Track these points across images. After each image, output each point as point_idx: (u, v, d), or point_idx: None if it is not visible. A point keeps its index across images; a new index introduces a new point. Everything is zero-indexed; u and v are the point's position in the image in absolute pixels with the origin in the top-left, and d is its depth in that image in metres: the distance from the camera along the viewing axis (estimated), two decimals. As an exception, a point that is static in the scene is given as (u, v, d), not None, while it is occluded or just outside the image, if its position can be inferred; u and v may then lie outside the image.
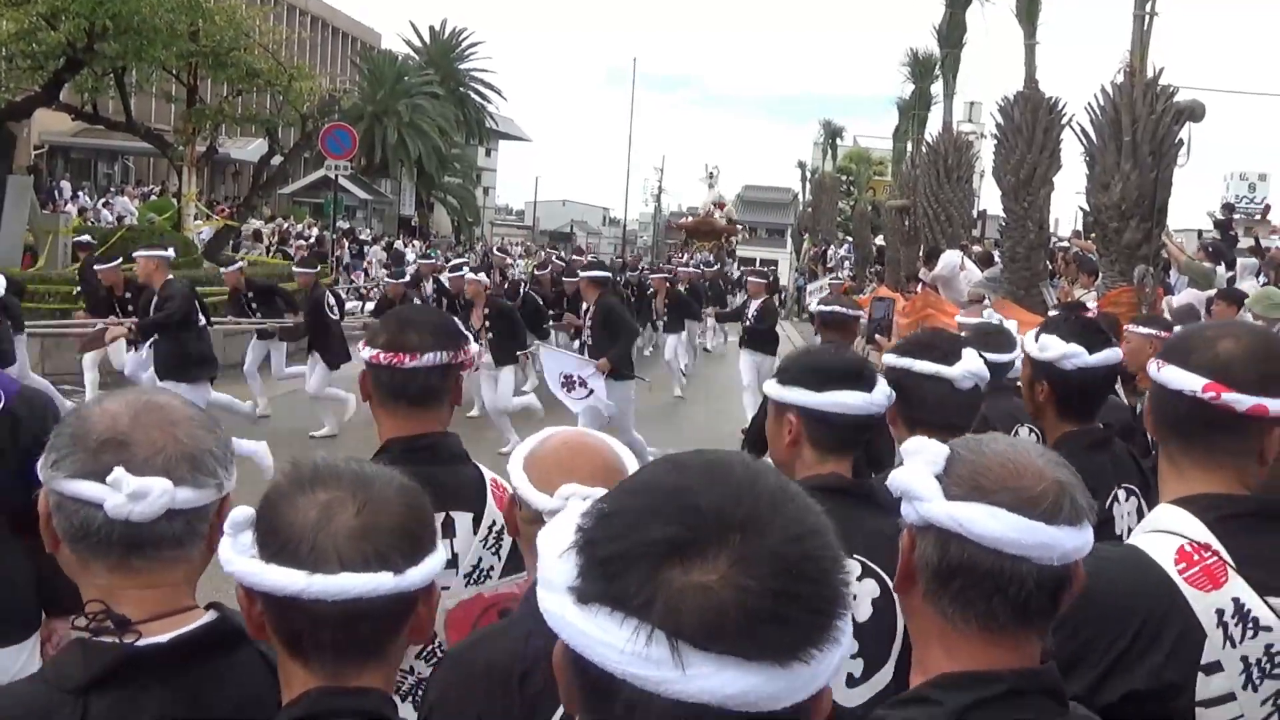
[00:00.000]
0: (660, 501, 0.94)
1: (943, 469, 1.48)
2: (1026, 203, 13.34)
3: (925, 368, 2.80)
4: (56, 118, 25.17)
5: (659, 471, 0.99)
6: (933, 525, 1.46)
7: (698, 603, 0.88)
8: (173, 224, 22.31)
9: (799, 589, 0.91)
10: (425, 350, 2.55)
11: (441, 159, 49.57)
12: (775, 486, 0.97)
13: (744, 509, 0.93)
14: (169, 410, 1.60)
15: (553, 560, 0.97)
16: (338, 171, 22.66)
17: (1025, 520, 1.41)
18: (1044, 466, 1.47)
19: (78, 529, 1.54)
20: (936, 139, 19.57)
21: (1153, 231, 10.54)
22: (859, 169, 56.79)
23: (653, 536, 0.91)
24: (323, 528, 1.38)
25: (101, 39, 17.84)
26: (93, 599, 1.55)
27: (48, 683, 1.51)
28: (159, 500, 1.51)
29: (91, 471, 1.52)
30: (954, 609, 1.46)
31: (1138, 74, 10.59)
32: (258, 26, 21.38)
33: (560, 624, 0.94)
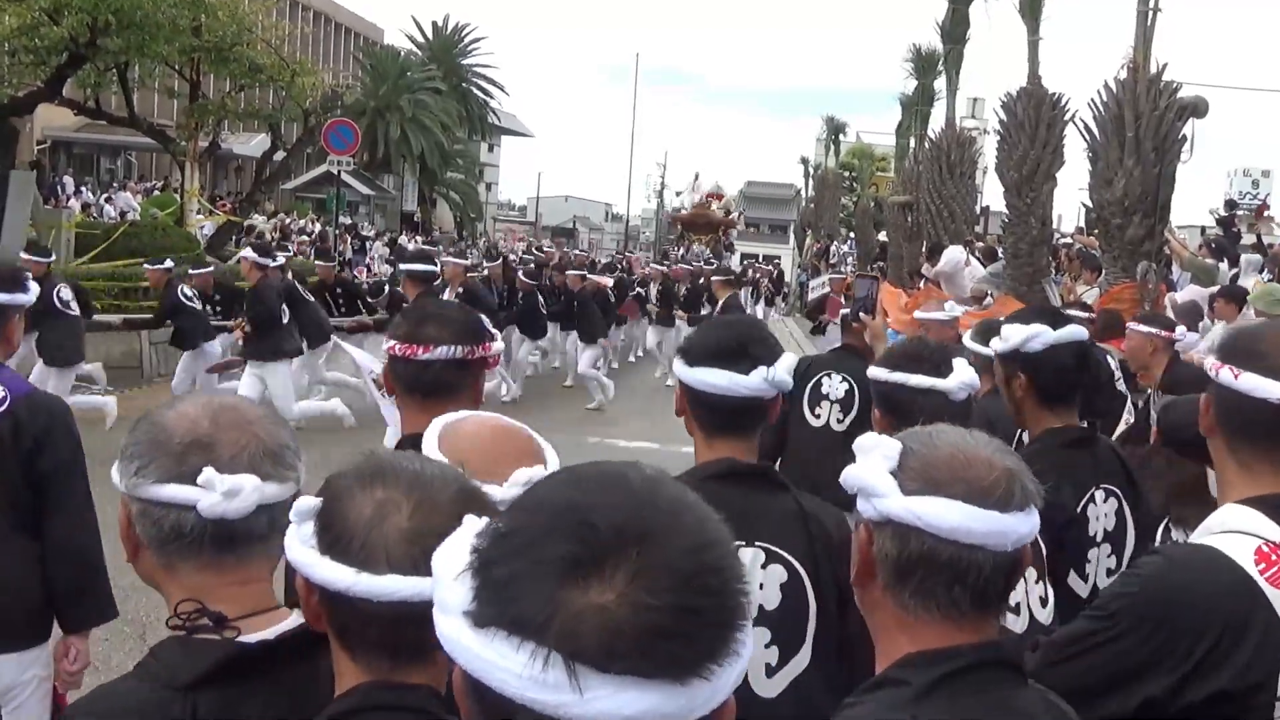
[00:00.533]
0: (555, 519, 0.91)
1: (897, 464, 1.51)
2: (1029, 199, 13.33)
3: (919, 382, 2.77)
4: (59, 113, 25.19)
5: (555, 487, 0.97)
6: (890, 520, 1.49)
7: (595, 623, 0.86)
8: (175, 219, 22.30)
9: (698, 603, 0.88)
10: (441, 343, 2.53)
11: (444, 154, 49.54)
12: (673, 497, 0.95)
13: (641, 522, 0.90)
14: (243, 409, 1.64)
15: (448, 583, 0.95)
16: (340, 167, 22.65)
17: (980, 510, 1.46)
18: (992, 456, 1.51)
19: (168, 533, 1.56)
20: (939, 135, 19.57)
21: (1155, 228, 10.54)
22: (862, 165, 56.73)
23: (548, 555, 0.89)
24: (375, 527, 1.38)
25: (104, 34, 17.83)
26: (183, 599, 1.56)
27: (151, 681, 1.51)
28: (251, 496, 1.54)
29: (179, 475, 1.55)
30: (915, 600, 1.50)
31: (1141, 70, 10.58)
32: (260, 21, 21.35)
33: (457, 649, 0.92)
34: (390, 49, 53.50)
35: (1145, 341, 5.95)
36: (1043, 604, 2.67)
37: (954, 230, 17.69)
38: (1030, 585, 2.65)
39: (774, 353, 2.45)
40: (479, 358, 2.59)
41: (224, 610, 1.55)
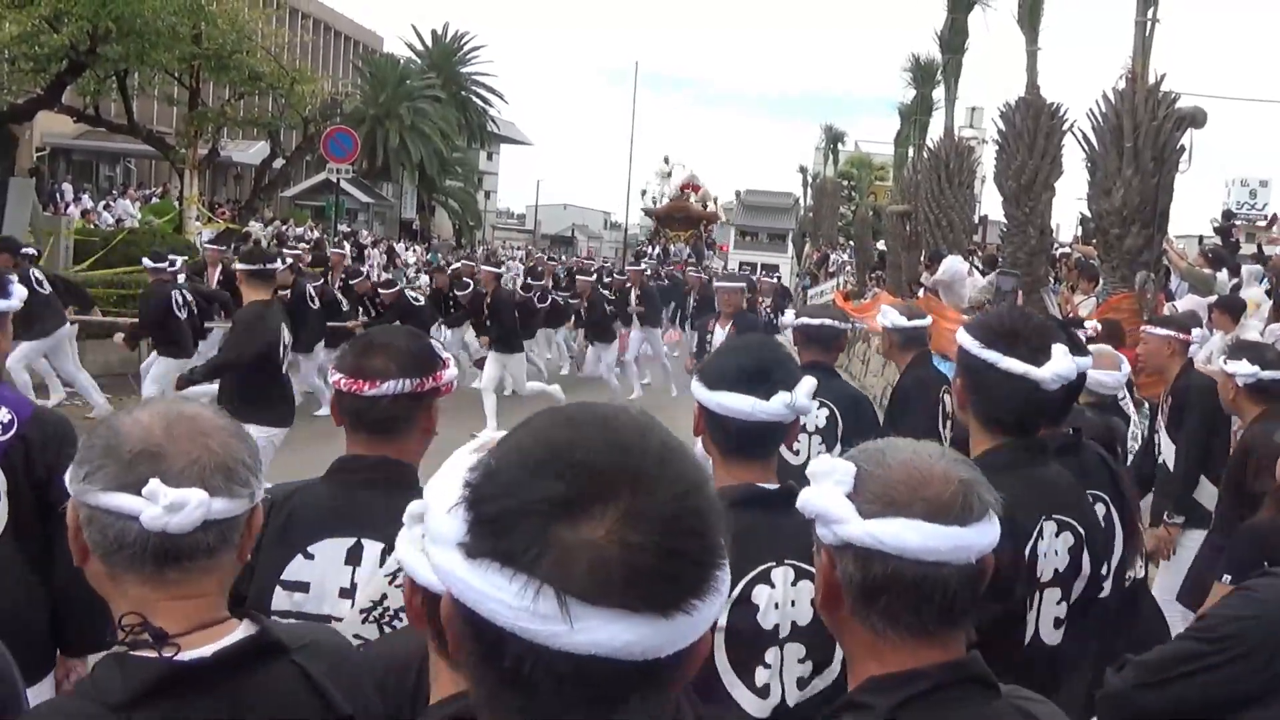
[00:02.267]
0: (548, 457, 0.95)
1: (852, 487, 1.50)
2: (1028, 208, 13.35)
3: (1012, 366, 2.50)
4: (58, 120, 25.20)
5: (548, 426, 1.00)
6: (851, 544, 1.48)
7: (585, 559, 0.90)
8: (174, 227, 22.31)
9: (683, 544, 0.93)
10: (388, 378, 2.38)
11: (443, 162, 49.58)
12: (662, 442, 0.99)
13: (631, 465, 0.95)
14: (201, 420, 1.59)
15: (441, 515, 0.98)
16: (339, 175, 22.66)
17: (941, 527, 1.44)
18: (948, 469, 1.50)
19: (112, 542, 1.53)
20: (938, 144, 19.60)
21: (1154, 237, 10.56)
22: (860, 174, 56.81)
23: (541, 494, 0.93)
24: None
25: (104, 41, 17.86)
26: (127, 612, 1.54)
27: (89, 699, 1.49)
28: (195, 512, 1.50)
29: (126, 484, 1.51)
30: (883, 622, 1.49)
31: (1139, 80, 10.61)
32: (260, 30, 21.40)
33: (450, 578, 0.96)
34: (389, 57, 53.55)
35: (1163, 344, 5.92)
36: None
37: (952, 239, 17.71)
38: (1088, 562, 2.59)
39: (794, 376, 2.42)
40: (430, 389, 2.44)
41: (165, 625, 1.51)
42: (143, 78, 21.57)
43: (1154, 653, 2.03)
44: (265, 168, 24.69)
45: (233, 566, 1.61)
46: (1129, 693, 1.81)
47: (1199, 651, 1.89)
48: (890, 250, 24.14)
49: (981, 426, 2.57)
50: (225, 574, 1.60)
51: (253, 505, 1.60)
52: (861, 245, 32.49)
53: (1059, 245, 18.62)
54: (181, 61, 20.13)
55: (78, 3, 16.87)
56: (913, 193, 20.98)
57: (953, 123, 20.32)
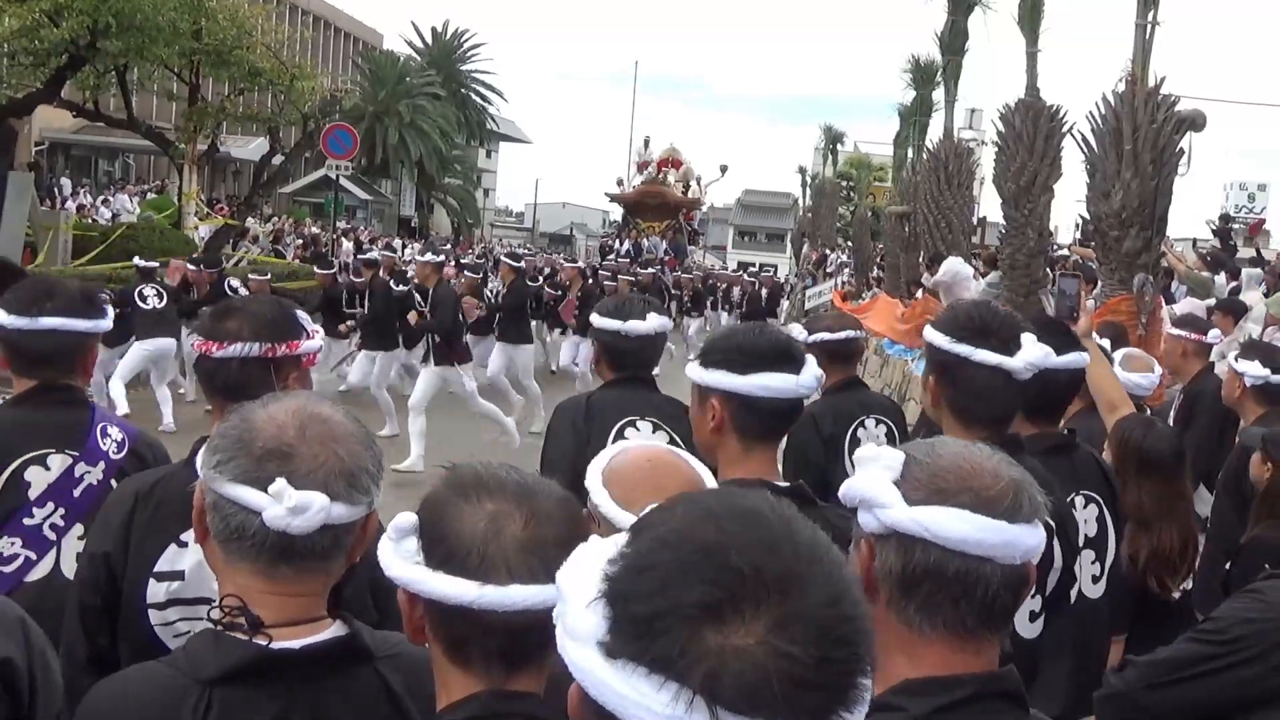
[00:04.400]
0: (696, 558, 0.92)
1: (900, 474, 1.47)
2: (1027, 210, 13.33)
3: (986, 357, 2.53)
4: (58, 114, 25.17)
5: (692, 521, 0.96)
6: (895, 532, 1.45)
7: (738, 668, 0.87)
8: (173, 222, 22.29)
9: (835, 653, 0.91)
10: (236, 340, 2.37)
11: (442, 160, 49.63)
12: (808, 539, 0.96)
13: (780, 566, 0.92)
14: (333, 424, 1.63)
15: (579, 609, 0.95)
16: (339, 171, 22.66)
17: (989, 520, 1.41)
18: (998, 466, 1.48)
19: (233, 531, 1.58)
20: (937, 145, 19.59)
21: (1153, 240, 10.55)
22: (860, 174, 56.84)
23: (691, 598, 0.90)
24: (492, 539, 1.40)
25: (104, 36, 17.82)
26: (230, 594, 1.58)
27: (176, 669, 1.55)
28: (316, 516, 1.54)
29: (255, 478, 1.56)
30: (920, 616, 1.46)
31: (1139, 83, 10.60)
32: (260, 26, 21.36)
33: (589, 678, 0.92)
34: (389, 54, 53.60)
35: (1176, 344, 5.93)
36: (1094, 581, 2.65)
37: (951, 241, 17.71)
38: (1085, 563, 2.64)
39: (804, 353, 2.48)
40: (285, 356, 2.42)
41: (263, 615, 1.56)
42: (142, 73, 21.53)
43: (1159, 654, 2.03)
44: (264, 164, 24.63)
45: (340, 569, 1.65)
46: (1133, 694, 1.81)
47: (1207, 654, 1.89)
48: (888, 251, 24.14)
49: (956, 421, 2.56)
50: (332, 576, 1.64)
51: (369, 512, 1.64)
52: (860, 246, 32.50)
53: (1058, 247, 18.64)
54: (181, 57, 20.10)
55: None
56: (911, 194, 20.98)
57: (952, 124, 20.34)
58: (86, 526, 2.66)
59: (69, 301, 2.86)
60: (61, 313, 2.82)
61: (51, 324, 2.80)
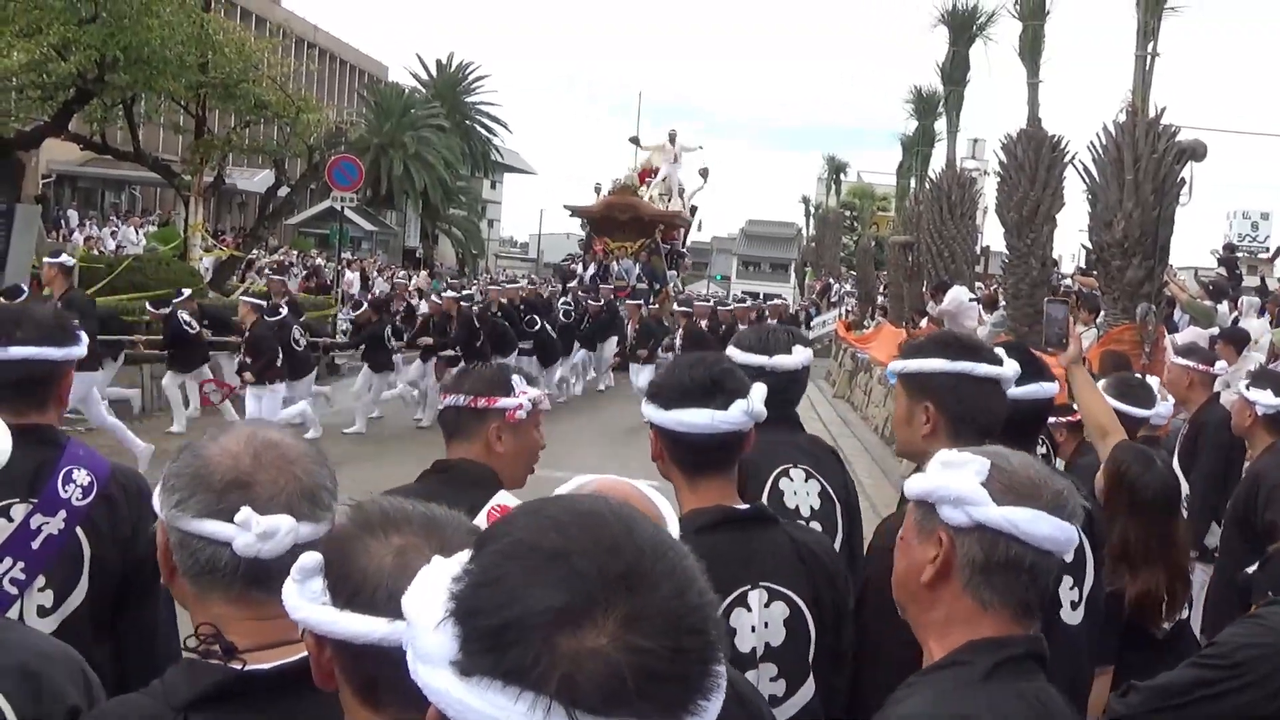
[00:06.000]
0: (542, 565, 0.92)
1: (986, 478, 1.66)
2: (1029, 239, 13.39)
3: (985, 371, 2.58)
4: (64, 147, 25.31)
5: (531, 531, 0.96)
6: (980, 526, 1.64)
7: (594, 669, 0.87)
8: (178, 254, 22.37)
9: (688, 643, 0.91)
10: (452, 392, 2.74)
11: (447, 191, 49.76)
12: (650, 536, 0.96)
13: (624, 565, 0.92)
14: (286, 448, 1.66)
15: (428, 631, 0.94)
16: (344, 203, 22.75)
17: (1061, 522, 1.63)
18: (1051, 474, 1.71)
19: (203, 565, 1.60)
20: (940, 175, 19.65)
21: (1155, 269, 10.59)
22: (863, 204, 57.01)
23: (539, 606, 0.89)
24: (401, 574, 1.35)
25: (112, 70, 17.95)
26: (204, 623, 1.61)
27: (156, 698, 1.57)
28: (286, 538, 1.57)
29: (218, 511, 1.58)
30: (995, 597, 1.66)
31: (1140, 113, 10.67)
32: (266, 59, 21.48)
33: (445, 699, 0.91)
34: (394, 86, 53.88)
35: (1182, 374, 5.92)
36: (1073, 607, 2.72)
37: (954, 270, 17.75)
38: (1064, 590, 2.69)
39: (745, 384, 2.45)
40: (487, 408, 2.69)
41: (238, 641, 1.58)
42: (149, 106, 21.66)
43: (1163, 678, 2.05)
44: (270, 195, 24.73)
45: None
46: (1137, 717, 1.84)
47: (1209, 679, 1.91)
48: (892, 281, 24.17)
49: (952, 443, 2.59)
50: None
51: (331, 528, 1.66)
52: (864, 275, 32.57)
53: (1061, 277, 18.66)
54: (188, 90, 20.21)
55: (86, 32, 16.99)
56: (915, 223, 21.03)
57: (954, 154, 20.39)
58: (49, 579, 2.57)
59: (40, 329, 2.69)
60: (32, 341, 2.65)
61: (22, 353, 2.64)
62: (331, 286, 23.50)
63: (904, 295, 21.11)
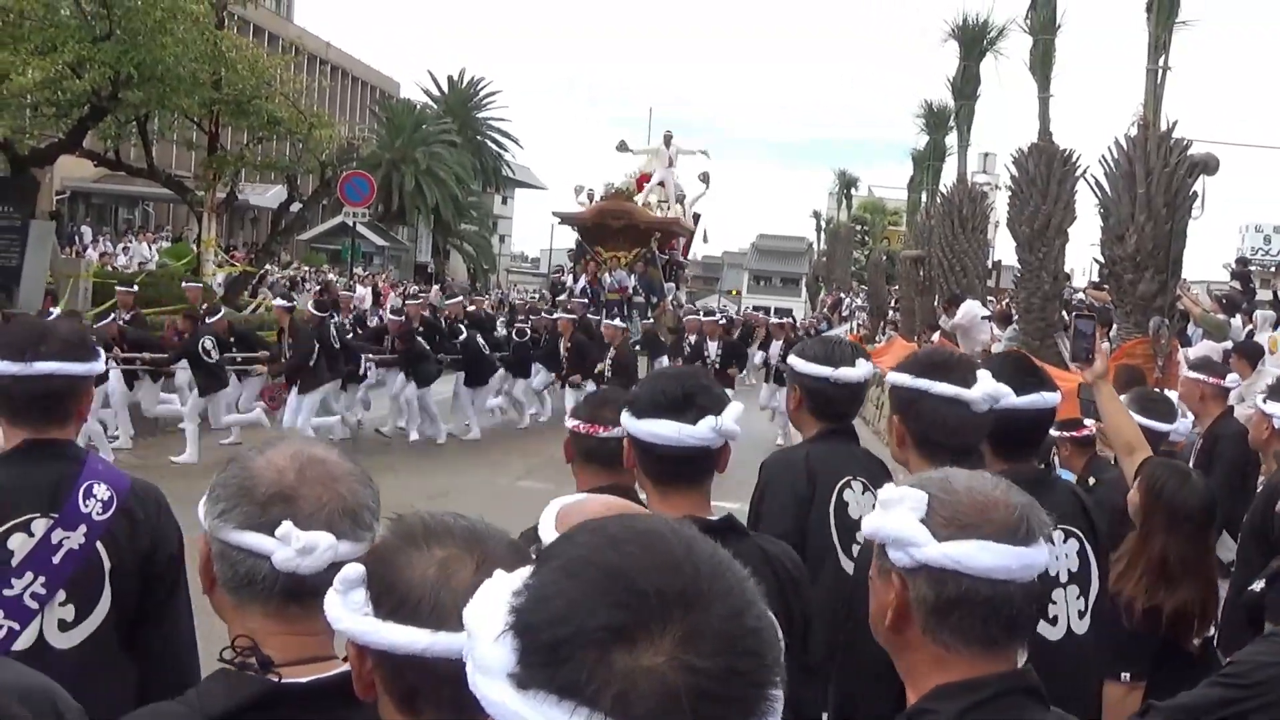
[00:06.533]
0: (600, 582, 0.93)
1: (925, 512, 1.59)
2: (1041, 253, 13.37)
3: (944, 390, 2.67)
4: (78, 163, 25.45)
5: (593, 548, 0.97)
6: (925, 566, 1.57)
7: (648, 687, 0.88)
8: (191, 269, 22.47)
9: (743, 665, 0.91)
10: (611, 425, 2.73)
11: (458, 206, 49.89)
12: (709, 556, 0.97)
13: (684, 584, 0.93)
14: (331, 465, 1.67)
15: (487, 643, 0.95)
16: (355, 218, 22.84)
17: (1010, 547, 1.55)
18: (1007, 494, 1.61)
19: (242, 577, 1.61)
20: (951, 190, 19.67)
21: (1168, 283, 10.56)
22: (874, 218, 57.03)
23: (596, 622, 0.90)
24: (444, 586, 1.37)
25: (126, 87, 18.06)
26: (242, 635, 1.62)
27: (188, 707, 1.58)
28: (324, 555, 1.57)
29: (260, 524, 1.59)
30: (953, 637, 1.58)
31: (1151, 127, 10.65)
32: (279, 75, 21.58)
33: (501, 711, 0.92)
34: (406, 102, 54.13)
35: (1194, 388, 5.90)
36: (1080, 616, 2.72)
37: (966, 284, 17.74)
38: (1070, 599, 2.69)
39: (720, 402, 2.48)
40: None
41: (274, 655, 1.59)
42: (163, 123, 21.79)
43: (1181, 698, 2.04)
44: (282, 211, 24.86)
45: None
46: None
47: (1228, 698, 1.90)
48: (903, 295, 24.16)
49: (923, 458, 2.66)
50: None
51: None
52: (875, 290, 32.56)
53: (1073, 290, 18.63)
54: (201, 107, 20.33)
55: (101, 49, 17.10)
56: (926, 238, 21.04)
57: (965, 168, 20.41)
58: (70, 593, 2.58)
59: (63, 345, 2.70)
60: (55, 356, 2.66)
61: (46, 369, 2.65)
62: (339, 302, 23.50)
63: (915, 309, 21.10)
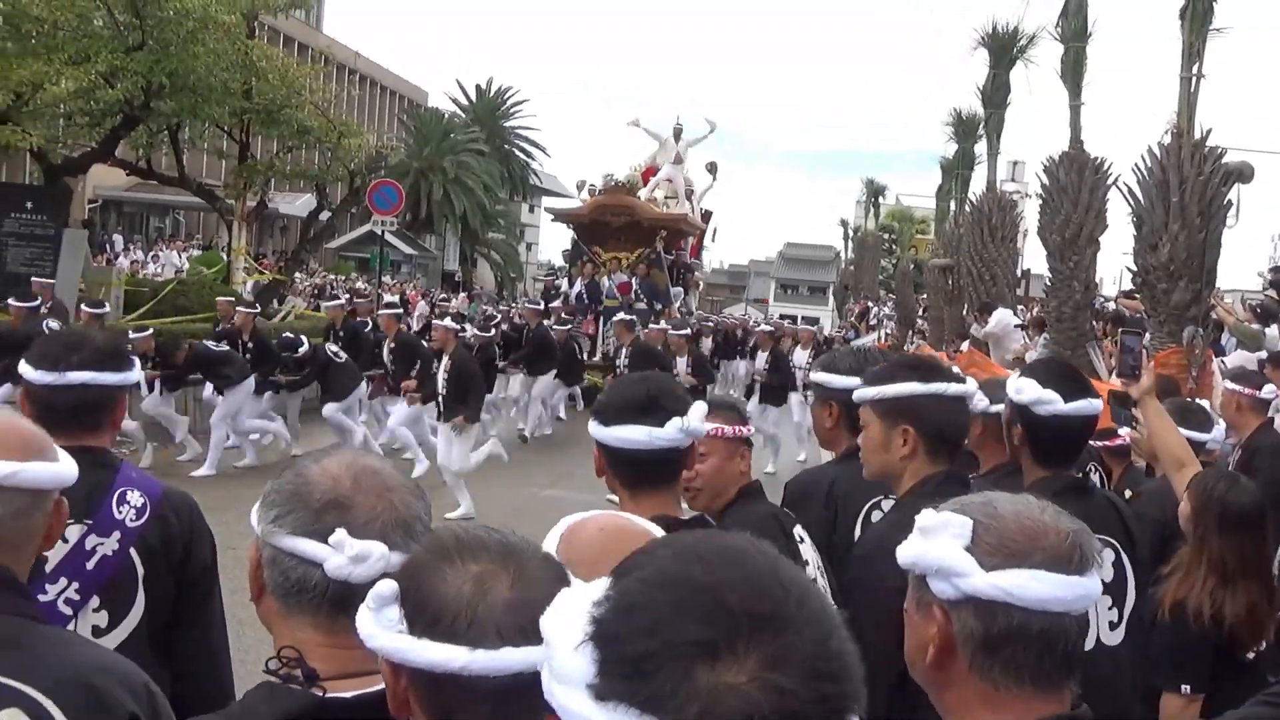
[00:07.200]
0: (687, 597, 0.92)
1: (970, 539, 1.49)
2: (1072, 262, 13.28)
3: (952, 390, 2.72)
4: (110, 172, 25.69)
5: (677, 562, 0.96)
6: (972, 598, 1.47)
7: (731, 705, 0.87)
8: (221, 277, 22.62)
9: (828, 689, 0.90)
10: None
11: (486, 215, 50.03)
12: (793, 577, 0.96)
13: (770, 604, 0.92)
14: (385, 476, 1.66)
15: (566, 652, 0.94)
16: (384, 227, 22.92)
17: (1064, 577, 1.45)
18: (1057, 520, 1.51)
19: (293, 584, 1.60)
20: (981, 198, 19.57)
21: (1202, 292, 10.46)
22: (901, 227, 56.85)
23: (683, 637, 0.89)
24: (480, 601, 1.35)
25: (158, 96, 18.22)
26: (288, 645, 1.60)
27: (233, 718, 1.58)
28: (377, 564, 1.56)
29: (313, 531, 1.58)
30: (1005, 675, 1.48)
31: (1185, 135, 10.56)
32: (309, 85, 21.71)
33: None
34: (434, 111, 54.38)
35: (1232, 398, 5.85)
36: (1111, 628, 2.71)
37: (996, 293, 17.64)
38: (1103, 609, 2.67)
39: (685, 403, 2.53)
40: None
41: (318, 668, 1.57)
42: (194, 131, 21.95)
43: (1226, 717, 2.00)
44: (312, 220, 24.99)
45: None
46: None
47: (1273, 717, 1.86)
48: (932, 304, 24.04)
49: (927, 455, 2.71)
50: None
51: None
52: (903, 298, 32.43)
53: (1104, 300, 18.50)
54: (232, 116, 20.49)
55: (133, 59, 17.25)
56: (955, 246, 20.94)
57: (995, 177, 20.31)
58: (103, 599, 2.62)
59: (96, 354, 2.76)
60: (89, 366, 2.72)
61: (80, 378, 2.69)
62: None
63: (944, 318, 20.99)
